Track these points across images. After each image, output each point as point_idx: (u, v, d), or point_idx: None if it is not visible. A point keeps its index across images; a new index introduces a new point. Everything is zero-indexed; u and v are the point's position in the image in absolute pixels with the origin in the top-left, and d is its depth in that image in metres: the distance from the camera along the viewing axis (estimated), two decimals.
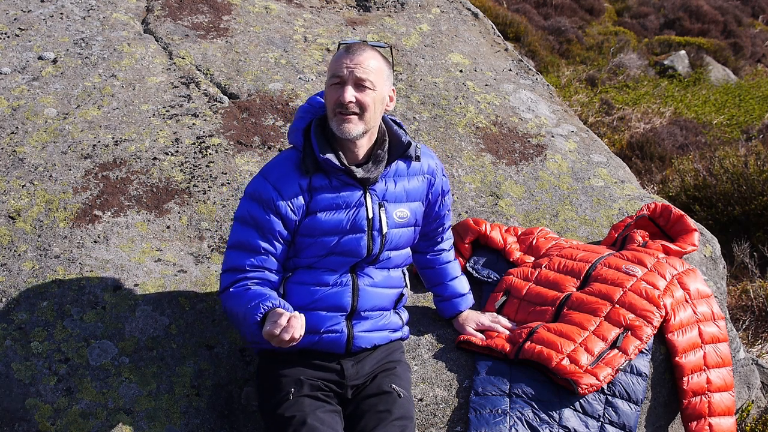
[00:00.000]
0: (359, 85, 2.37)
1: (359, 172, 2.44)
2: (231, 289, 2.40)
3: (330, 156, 2.40)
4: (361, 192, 2.47)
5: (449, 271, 2.89)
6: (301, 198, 2.43)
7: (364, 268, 2.53)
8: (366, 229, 2.46)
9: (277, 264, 2.45)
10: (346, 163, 2.43)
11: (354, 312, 2.50)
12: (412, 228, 2.61)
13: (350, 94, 2.35)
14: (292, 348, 2.46)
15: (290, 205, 2.41)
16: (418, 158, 2.55)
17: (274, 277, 2.45)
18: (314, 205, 2.43)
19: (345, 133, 2.38)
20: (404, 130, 2.57)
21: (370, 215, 2.47)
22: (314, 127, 2.47)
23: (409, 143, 2.52)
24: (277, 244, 2.43)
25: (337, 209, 2.45)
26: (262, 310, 2.25)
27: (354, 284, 2.49)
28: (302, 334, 2.19)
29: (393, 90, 2.50)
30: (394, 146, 2.52)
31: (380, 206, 2.49)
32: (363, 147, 2.47)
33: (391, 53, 2.55)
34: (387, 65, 2.46)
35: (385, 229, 2.48)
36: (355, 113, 2.37)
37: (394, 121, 2.57)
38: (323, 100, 2.56)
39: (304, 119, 2.52)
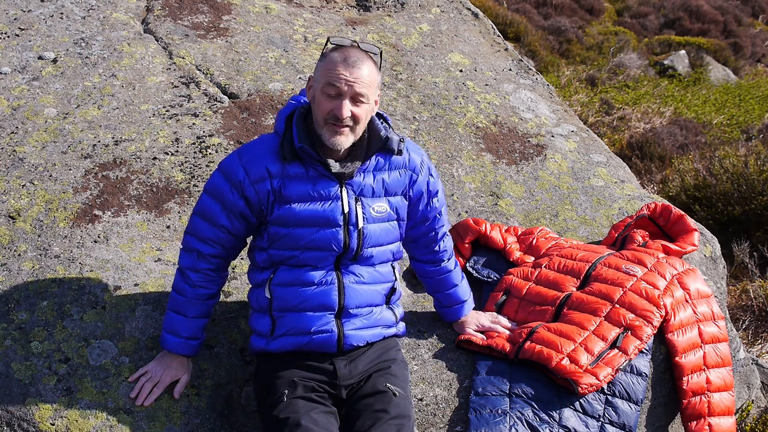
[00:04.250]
0: (356, 99, 2.35)
1: (335, 167, 2.42)
2: (188, 272, 2.53)
3: (306, 145, 2.40)
4: (338, 185, 2.45)
5: (450, 280, 2.83)
6: (268, 182, 2.42)
7: (349, 265, 2.50)
8: (341, 223, 2.44)
9: (233, 240, 2.51)
10: (323, 155, 2.42)
11: (342, 310, 2.48)
12: (395, 223, 2.56)
13: (347, 109, 2.34)
14: (285, 350, 2.48)
15: (256, 188, 2.42)
16: (399, 152, 2.51)
17: (230, 253, 2.56)
18: (288, 193, 2.42)
19: (336, 145, 2.38)
20: (388, 123, 2.54)
21: (346, 209, 2.44)
22: (297, 115, 2.46)
23: (387, 138, 2.48)
24: (236, 222, 2.47)
25: (312, 201, 2.43)
26: (164, 345, 2.56)
27: (339, 282, 2.47)
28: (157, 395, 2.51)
29: (378, 95, 2.47)
30: (373, 140, 2.49)
31: (357, 200, 2.46)
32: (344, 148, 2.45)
33: (381, 57, 2.49)
34: (378, 72, 2.44)
35: (361, 224, 2.46)
36: (348, 126, 2.37)
37: (379, 115, 2.54)
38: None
39: (290, 107, 2.52)
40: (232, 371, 2.72)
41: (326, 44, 2.44)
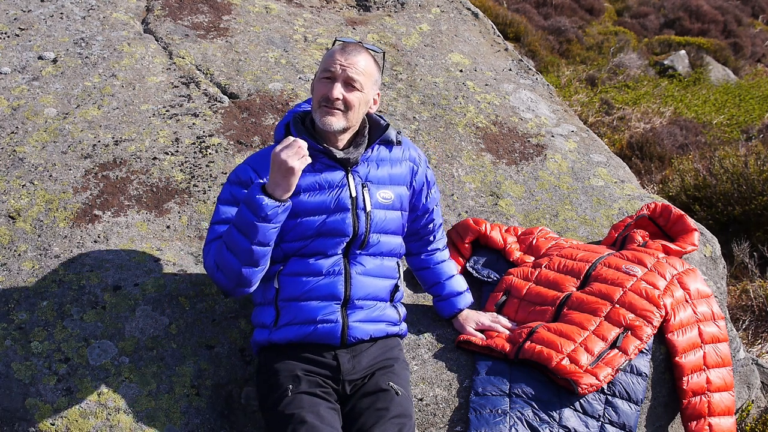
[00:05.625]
0: (348, 84, 2.46)
1: (339, 153, 2.52)
2: (213, 245, 2.46)
3: (306, 137, 2.49)
4: (343, 173, 2.55)
5: (445, 269, 2.90)
6: None
7: (357, 255, 2.56)
8: (350, 207, 2.52)
9: None
10: (325, 145, 2.51)
11: (348, 301, 2.52)
12: (399, 212, 2.65)
13: (338, 91, 2.44)
14: (288, 339, 2.48)
15: None
16: (399, 143, 2.66)
17: None
18: (297, 186, 2.46)
19: (327, 125, 2.47)
20: (383, 118, 2.65)
21: (353, 194, 2.54)
22: (292, 119, 2.57)
23: (387, 125, 2.61)
24: None
25: (320, 190, 2.52)
26: (261, 182, 2.32)
27: (346, 272, 2.52)
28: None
29: (378, 94, 2.60)
30: (373, 129, 2.62)
31: (363, 186, 2.56)
32: (343, 140, 2.56)
33: (383, 59, 2.63)
34: (377, 70, 2.56)
35: (368, 208, 2.54)
36: (339, 110, 2.46)
37: (378, 117, 2.67)
38: (308, 106, 2.66)
39: (287, 118, 2.63)
40: (232, 371, 2.72)
41: (333, 43, 2.57)
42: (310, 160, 2.29)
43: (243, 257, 2.35)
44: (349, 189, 2.53)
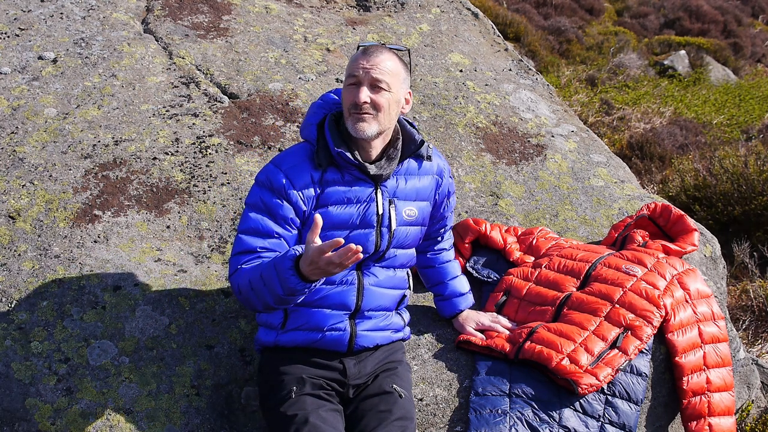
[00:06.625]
0: (374, 86, 2.38)
1: (372, 169, 2.45)
2: (243, 266, 2.36)
3: (344, 150, 2.41)
4: (373, 188, 2.48)
5: (449, 270, 2.90)
6: (311, 189, 2.43)
7: (371, 266, 2.53)
8: (375, 224, 2.48)
9: (284, 247, 2.42)
10: (360, 159, 2.43)
11: (358, 311, 2.51)
12: (419, 228, 2.62)
13: (365, 94, 2.36)
14: (296, 343, 2.47)
15: (301, 194, 2.41)
16: (429, 158, 2.58)
17: None
18: (325, 198, 2.44)
19: (359, 132, 2.39)
20: (416, 129, 2.58)
21: (380, 211, 2.48)
22: (328, 122, 2.48)
23: (422, 142, 2.54)
24: (289, 228, 2.42)
25: (348, 204, 2.45)
26: (294, 253, 2.15)
27: (359, 283, 2.50)
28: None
29: (409, 93, 2.51)
30: (406, 144, 2.54)
31: (390, 203, 2.50)
32: (377, 147, 2.48)
33: (409, 56, 2.56)
34: (404, 68, 2.47)
35: (394, 226, 2.50)
36: (369, 114, 2.38)
37: (407, 121, 2.59)
38: (336, 97, 2.57)
39: (317, 114, 2.53)
40: (232, 371, 2.72)
41: (357, 49, 2.48)
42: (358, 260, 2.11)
43: (265, 307, 2.32)
44: (377, 205, 2.47)
